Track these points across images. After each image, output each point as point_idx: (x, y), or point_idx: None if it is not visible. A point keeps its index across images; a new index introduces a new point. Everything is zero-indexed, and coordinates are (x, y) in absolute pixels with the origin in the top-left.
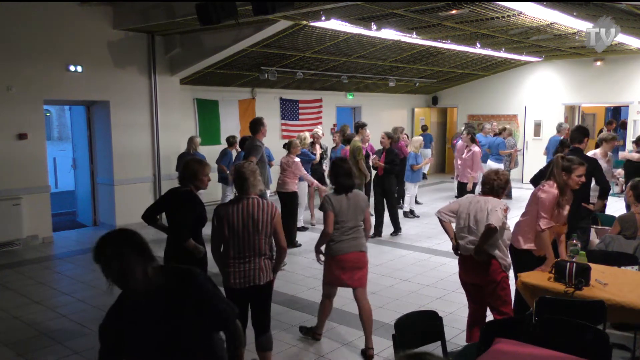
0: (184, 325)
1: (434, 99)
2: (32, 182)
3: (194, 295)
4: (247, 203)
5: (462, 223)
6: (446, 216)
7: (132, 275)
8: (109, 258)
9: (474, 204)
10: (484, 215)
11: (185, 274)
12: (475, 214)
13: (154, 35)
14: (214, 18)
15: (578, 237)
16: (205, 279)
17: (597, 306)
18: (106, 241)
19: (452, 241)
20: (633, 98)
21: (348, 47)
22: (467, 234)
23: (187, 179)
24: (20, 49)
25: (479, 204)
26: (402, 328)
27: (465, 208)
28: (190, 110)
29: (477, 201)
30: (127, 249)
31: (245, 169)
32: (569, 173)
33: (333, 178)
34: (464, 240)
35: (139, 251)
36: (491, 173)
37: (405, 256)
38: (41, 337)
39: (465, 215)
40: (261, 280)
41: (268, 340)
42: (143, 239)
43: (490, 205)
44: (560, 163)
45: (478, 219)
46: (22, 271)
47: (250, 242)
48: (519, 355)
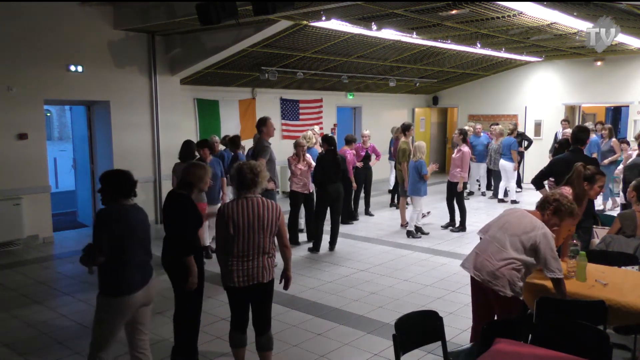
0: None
1: (435, 99)
2: (32, 182)
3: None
4: (252, 202)
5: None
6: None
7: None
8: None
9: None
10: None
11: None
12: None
13: (154, 35)
14: (214, 18)
15: (579, 237)
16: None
17: (597, 306)
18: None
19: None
20: (633, 98)
21: (348, 47)
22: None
23: (192, 183)
24: (21, 49)
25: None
26: (402, 328)
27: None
28: (191, 110)
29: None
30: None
31: (257, 165)
32: (591, 183)
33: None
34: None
35: (115, 187)
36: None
37: (405, 256)
38: (41, 337)
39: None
40: (264, 278)
41: (268, 340)
42: (121, 179)
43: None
44: (583, 172)
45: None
46: (22, 271)
47: (255, 240)
48: (519, 355)
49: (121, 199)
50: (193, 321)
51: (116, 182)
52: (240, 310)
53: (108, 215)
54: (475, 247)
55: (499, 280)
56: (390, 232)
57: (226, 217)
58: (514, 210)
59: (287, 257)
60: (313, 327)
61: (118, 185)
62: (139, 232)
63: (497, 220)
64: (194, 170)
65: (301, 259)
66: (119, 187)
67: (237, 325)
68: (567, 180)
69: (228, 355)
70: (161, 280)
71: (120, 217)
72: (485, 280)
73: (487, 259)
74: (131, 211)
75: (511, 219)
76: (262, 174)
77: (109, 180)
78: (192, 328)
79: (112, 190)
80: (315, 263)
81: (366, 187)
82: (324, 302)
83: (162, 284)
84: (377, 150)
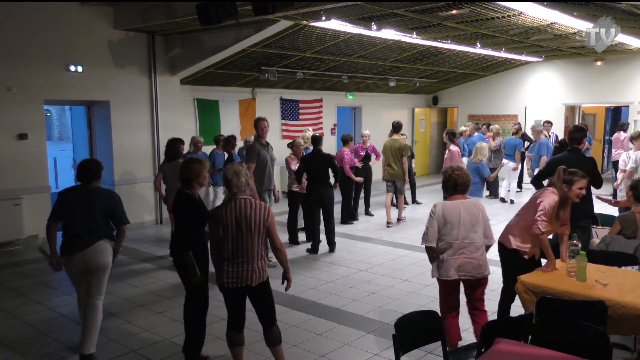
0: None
1: (435, 99)
2: (32, 182)
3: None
4: (239, 203)
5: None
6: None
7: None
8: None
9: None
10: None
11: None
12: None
13: (154, 35)
14: (215, 18)
15: (578, 236)
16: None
17: (598, 306)
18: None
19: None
20: (633, 98)
21: (348, 47)
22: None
23: (192, 179)
24: (21, 49)
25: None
26: (402, 328)
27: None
28: (191, 110)
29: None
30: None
31: (228, 170)
32: (569, 185)
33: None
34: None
35: (87, 175)
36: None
37: (405, 256)
38: (41, 337)
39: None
40: (253, 281)
41: (276, 334)
42: (91, 168)
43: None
44: (562, 176)
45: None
46: (22, 271)
47: (244, 242)
48: (519, 356)
49: (81, 182)
50: (197, 316)
51: (78, 168)
52: (234, 310)
53: (60, 193)
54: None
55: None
56: (390, 232)
57: (216, 220)
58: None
59: (281, 260)
60: (313, 327)
61: (77, 171)
62: (80, 209)
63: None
64: (191, 166)
65: (301, 259)
66: (77, 173)
67: (232, 325)
68: (550, 182)
69: (228, 356)
70: (160, 279)
71: (67, 195)
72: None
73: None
74: (78, 191)
75: (465, 216)
76: (234, 182)
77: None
78: (197, 324)
79: (76, 174)
80: (315, 263)
81: (366, 187)
82: (324, 302)
83: (161, 284)
84: (377, 150)
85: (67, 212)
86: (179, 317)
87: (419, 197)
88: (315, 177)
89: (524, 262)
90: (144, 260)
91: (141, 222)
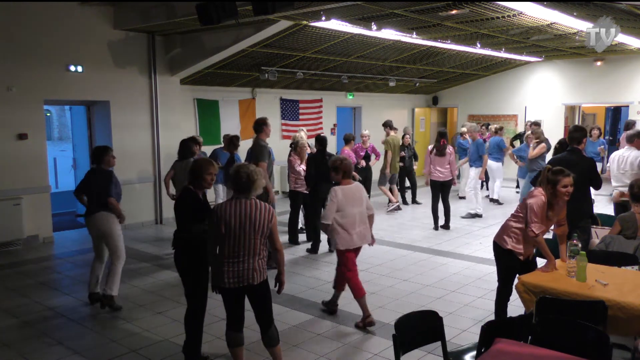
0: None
1: (434, 99)
2: (32, 182)
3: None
4: (245, 204)
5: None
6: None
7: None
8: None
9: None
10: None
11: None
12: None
13: (154, 35)
14: (215, 18)
15: (578, 236)
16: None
17: (598, 306)
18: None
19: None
20: (633, 98)
21: (348, 47)
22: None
23: (198, 177)
24: (21, 49)
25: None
26: (402, 328)
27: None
28: (191, 110)
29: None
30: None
31: (255, 172)
32: (553, 185)
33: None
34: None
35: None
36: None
37: (405, 256)
38: (41, 337)
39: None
40: (255, 280)
41: (273, 336)
42: (94, 152)
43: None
44: (545, 175)
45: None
46: (22, 271)
47: (246, 242)
48: (519, 355)
49: (94, 164)
50: (195, 315)
51: (92, 154)
52: (233, 310)
53: (85, 174)
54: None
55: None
56: (390, 232)
57: (218, 217)
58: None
59: (279, 261)
60: (313, 327)
61: (92, 156)
62: (88, 185)
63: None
64: (199, 164)
65: (300, 259)
66: (92, 156)
67: (231, 325)
68: (537, 183)
69: (228, 356)
70: (160, 279)
71: (87, 173)
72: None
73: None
74: (91, 173)
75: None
76: (258, 183)
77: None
78: (195, 322)
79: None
80: (314, 263)
81: (366, 187)
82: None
83: (161, 284)
84: (377, 150)
85: (84, 186)
86: (179, 317)
87: (419, 197)
88: (322, 177)
89: (519, 262)
90: (144, 260)
91: (141, 222)
